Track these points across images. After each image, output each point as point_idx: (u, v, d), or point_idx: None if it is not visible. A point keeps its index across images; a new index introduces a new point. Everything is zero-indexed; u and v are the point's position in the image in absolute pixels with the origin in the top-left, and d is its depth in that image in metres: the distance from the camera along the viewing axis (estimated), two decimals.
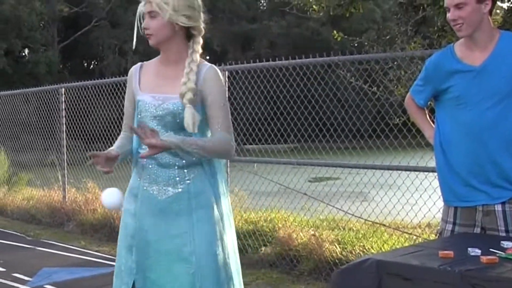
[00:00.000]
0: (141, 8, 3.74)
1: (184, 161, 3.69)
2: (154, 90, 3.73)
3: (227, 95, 8.73)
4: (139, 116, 3.75)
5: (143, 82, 3.81)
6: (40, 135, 14.14)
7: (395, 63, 7.79)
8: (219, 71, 3.80)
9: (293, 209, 9.45)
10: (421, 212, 7.54)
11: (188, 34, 3.78)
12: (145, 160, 3.71)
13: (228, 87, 8.99)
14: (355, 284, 3.27)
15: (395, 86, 7.92)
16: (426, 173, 7.15)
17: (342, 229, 8.74)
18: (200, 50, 3.80)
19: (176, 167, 3.69)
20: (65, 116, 12.41)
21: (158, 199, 3.70)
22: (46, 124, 13.66)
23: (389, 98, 7.80)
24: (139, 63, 3.94)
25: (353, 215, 8.19)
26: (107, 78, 13.06)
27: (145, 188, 3.75)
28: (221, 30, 59.90)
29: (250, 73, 9.34)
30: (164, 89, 3.71)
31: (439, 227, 4.50)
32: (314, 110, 8.93)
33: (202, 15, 3.82)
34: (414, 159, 7.48)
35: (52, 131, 13.39)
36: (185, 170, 3.70)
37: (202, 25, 3.84)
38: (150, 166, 3.72)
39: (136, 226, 3.73)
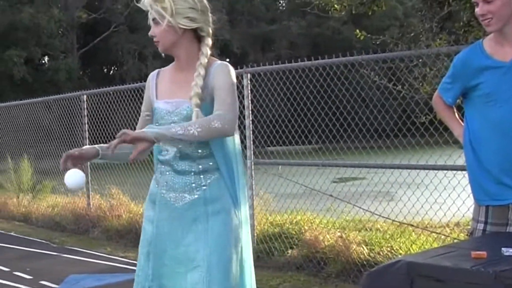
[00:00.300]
0: (149, 16, 3.70)
1: (200, 167, 3.65)
2: (168, 97, 3.71)
3: (250, 100, 8.75)
4: (157, 123, 3.69)
5: (159, 89, 3.80)
6: (62, 141, 14.16)
7: (420, 60, 7.70)
8: (230, 66, 3.69)
9: (319, 211, 9.40)
10: (449, 211, 7.45)
11: (197, 36, 3.71)
12: (163, 166, 3.70)
13: (251, 89, 8.95)
14: (386, 286, 3.20)
15: (421, 84, 7.83)
16: (454, 171, 7.06)
17: (369, 230, 8.68)
18: (209, 52, 3.71)
19: (192, 173, 3.65)
20: (87, 123, 12.44)
21: (175, 205, 3.67)
22: (69, 131, 13.68)
23: (414, 96, 7.71)
24: (156, 70, 3.91)
25: (380, 215, 8.11)
26: (127, 84, 13.04)
27: (162, 195, 3.73)
28: (241, 32, 60.07)
29: (272, 75, 9.30)
30: (178, 95, 3.67)
31: (469, 227, 4.41)
32: (338, 110, 8.85)
33: (209, 16, 3.74)
34: (442, 158, 7.38)
35: (74, 138, 13.40)
36: (201, 176, 3.65)
37: (211, 26, 3.76)
38: (167, 173, 3.69)
39: (154, 232, 3.71)
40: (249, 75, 8.84)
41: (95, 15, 52.60)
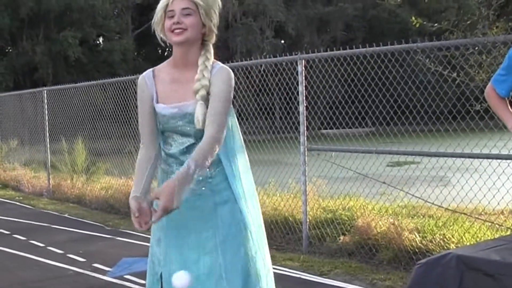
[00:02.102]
0: (165, 2, 3.72)
1: None
2: (172, 100, 3.76)
3: (304, 86, 8.75)
4: (161, 126, 3.82)
5: (160, 91, 3.82)
6: (117, 123, 14.28)
7: (476, 48, 7.62)
8: (231, 73, 3.75)
9: (372, 195, 9.36)
10: (503, 199, 7.38)
11: (202, 41, 3.79)
12: (170, 159, 3.82)
13: (305, 75, 8.94)
14: (436, 278, 3.22)
15: (476, 72, 7.77)
16: (509, 160, 6.98)
17: (422, 217, 8.59)
18: (212, 52, 3.79)
19: None
20: None
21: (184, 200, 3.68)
22: (123, 112, 13.78)
23: (469, 84, 7.65)
24: (150, 70, 3.90)
25: (432, 203, 8.07)
26: None
27: None
28: (296, 14, 59.86)
29: (327, 61, 9.27)
30: (182, 96, 3.73)
31: None
32: (393, 94, 8.81)
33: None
34: (496, 147, 7.30)
35: (128, 119, 13.51)
36: (207, 169, 3.69)
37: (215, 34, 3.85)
38: (174, 165, 3.79)
39: (164, 220, 3.71)
40: (303, 61, 8.83)
41: None
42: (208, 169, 3.70)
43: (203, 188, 3.75)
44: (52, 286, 7.61)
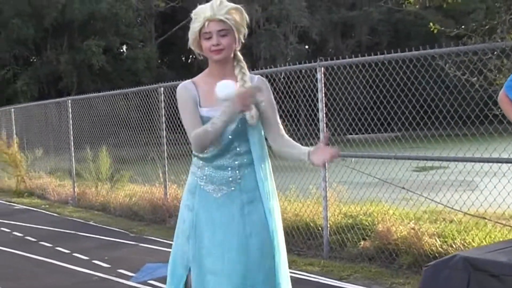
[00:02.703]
0: (200, 26, 4.08)
1: (236, 163, 4.10)
2: (212, 104, 4.03)
3: (323, 93, 8.83)
4: None
5: (202, 98, 4.12)
6: (140, 131, 14.40)
7: (495, 53, 7.66)
8: (266, 81, 4.23)
9: (394, 199, 9.40)
10: None
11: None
12: (201, 162, 4.15)
13: (326, 81, 9.03)
14: (444, 280, 3.30)
15: (496, 76, 7.79)
16: None
17: (443, 221, 8.61)
18: (243, 61, 4.19)
19: (229, 169, 4.10)
20: (164, 115, 12.64)
21: (213, 196, 4.08)
22: (147, 121, 13.89)
23: (487, 89, 7.67)
24: (189, 81, 4.23)
25: (452, 208, 8.09)
26: None
27: (202, 186, 4.14)
28: (320, 19, 59.71)
29: (352, 67, 9.33)
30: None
31: None
32: (416, 98, 8.81)
33: None
34: None
35: (152, 128, 13.61)
36: (237, 171, 4.09)
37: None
38: (206, 168, 4.13)
39: (194, 219, 4.10)
40: (322, 68, 8.91)
41: (173, 4, 53.02)
42: (238, 171, 4.08)
43: (233, 188, 4.06)
44: None
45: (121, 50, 57.83)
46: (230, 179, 4.07)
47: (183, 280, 4.14)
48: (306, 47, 61.58)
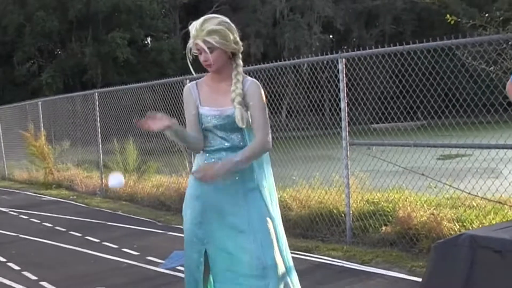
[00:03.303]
0: (191, 45, 4.42)
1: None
2: (212, 104, 4.48)
3: (345, 84, 9.00)
4: (202, 126, 4.51)
5: (202, 97, 4.54)
6: None
7: (509, 43, 7.81)
8: (259, 84, 4.51)
9: (418, 189, 9.56)
10: None
11: (232, 53, 4.50)
12: (207, 154, 4.53)
13: (348, 71, 9.23)
14: (453, 256, 3.53)
15: None
16: None
17: (464, 208, 8.77)
18: (241, 64, 4.52)
19: None
20: None
21: (218, 186, 4.39)
22: (173, 112, 14.09)
23: (502, 78, 7.82)
24: (194, 82, 4.65)
25: (469, 193, 8.27)
26: None
27: None
28: (344, 8, 59.64)
29: (372, 57, 9.50)
30: (221, 102, 4.44)
31: None
32: (441, 86, 8.94)
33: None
34: None
35: (178, 119, 13.78)
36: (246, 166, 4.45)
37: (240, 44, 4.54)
38: (213, 160, 4.48)
39: (202, 206, 4.47)
40: (344, 59, 9.13)
41: None
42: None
43: (237, 178, 4.41)
44: (108, 278, 8.01)
45: (146, 42, 58.00)
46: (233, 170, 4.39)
47: (200, 263, 4.52)
48: (330, 36, 61.55)
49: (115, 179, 5.03)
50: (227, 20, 4.42)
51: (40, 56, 54.04)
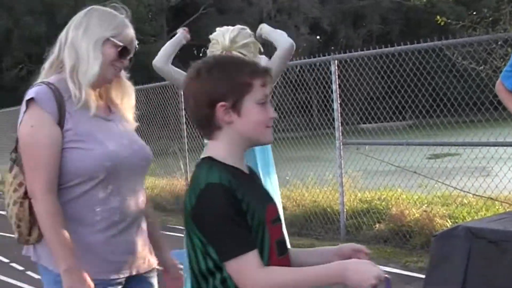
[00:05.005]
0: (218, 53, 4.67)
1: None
2: None
3: (337, 85, 9.20)
4: None
5: None
6: (160, 127, 14.81)
7: (498, 43, 8.01)
8: None
9: (410, 187, 9.70)
10: None
11: None
12: None
13: (340, 72, 9.41)
14: (450, 248, 3.74)
15: (503, 64, 8.13)
16: None
17: (456, 205, 8.95)
18: None
19: None
20: (183, 109, 12.84)
21: None
22: (166, 117, 14.26)
23: (492, 77, 8.01)
24: None
25: (461, 190, 8.47)
26: None
27: None
28: (331, 9, 59.58)
29: (363, 59, 9.70)
30: None
31: None
32: (432, 87, 9.08)
33: None
34: None
35: (171, 121, 14.00)
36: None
37: None
38: None
39: None
40: (336, 61, 9.29)
41: None
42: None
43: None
44: None
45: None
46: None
47: None
48: (318, 37, 61.63)
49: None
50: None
51: (28, 61, 53.93)
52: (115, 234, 3.00)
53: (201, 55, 58.41)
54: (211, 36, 4.74)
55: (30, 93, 2.90)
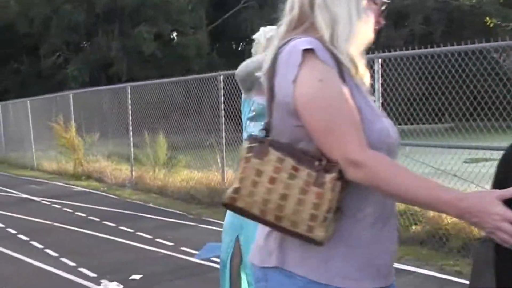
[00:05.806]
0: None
1: None
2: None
3: (380, 84, 9.14)
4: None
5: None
6: (197, 118, 14.84)
7: None
8: None
9: None
10: None
11: None
12: None
13: (382, 74, 9.35)
14: (484, 257, 3.67)
15: None
16: None
17: None
18: None
19: None
20: (224, 102, 13.00)
21: None
22: (203, 107, 14.25)
23: None
24: None
25: None
26: None
27: None
28: None
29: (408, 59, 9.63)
30: None
31: None
32: (471, 88, 9.01)
33: None
34: None
35: (210, 114, 13.99)
36: None
37: None
38: None
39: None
40: (380, 60, 9.26)
41: None
42: None
43: None
44: (145, 266, 8.22)
45: (172, 37, 57.96)
46: None
47: (231, 247, 4.96)
48: None
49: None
50: None
51: (66, 49, 54.19)
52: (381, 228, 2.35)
53: (239, 49, 58.45)
54: (254, 36, 4.72)
55: (302, 44, 2.25)
